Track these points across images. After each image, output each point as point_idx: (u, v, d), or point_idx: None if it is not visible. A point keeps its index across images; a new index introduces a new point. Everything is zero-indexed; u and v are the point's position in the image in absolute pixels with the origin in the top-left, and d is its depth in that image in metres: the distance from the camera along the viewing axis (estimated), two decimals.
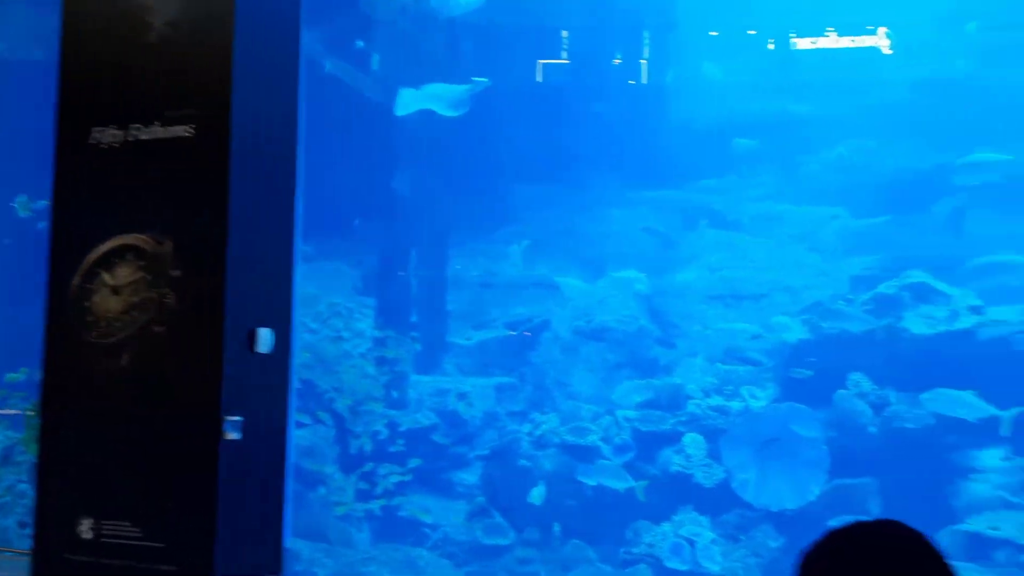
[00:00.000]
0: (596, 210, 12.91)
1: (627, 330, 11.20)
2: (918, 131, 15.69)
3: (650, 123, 15.71)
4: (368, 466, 9.30)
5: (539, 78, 16.19)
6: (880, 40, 18.65)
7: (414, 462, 9.39)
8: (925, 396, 9.42)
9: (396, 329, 10.51)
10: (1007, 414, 8.97)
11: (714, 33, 18.39)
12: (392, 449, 9.43)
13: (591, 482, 9.03)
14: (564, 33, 16.14)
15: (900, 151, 15.23)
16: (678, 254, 12.48)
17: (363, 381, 9.65)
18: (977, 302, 10.01)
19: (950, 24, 17.35)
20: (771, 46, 19.10)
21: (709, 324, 11.60)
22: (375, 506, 9.14)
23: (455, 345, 11.09)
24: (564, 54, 16.22)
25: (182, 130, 3.72)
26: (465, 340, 11.09)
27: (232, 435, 3.58)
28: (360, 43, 10.98)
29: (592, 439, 9.47)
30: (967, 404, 9.08)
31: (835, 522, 8.00)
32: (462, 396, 10.00)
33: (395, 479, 9.18)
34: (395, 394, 9.96)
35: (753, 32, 18.61)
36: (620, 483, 9.02)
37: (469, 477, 9.62)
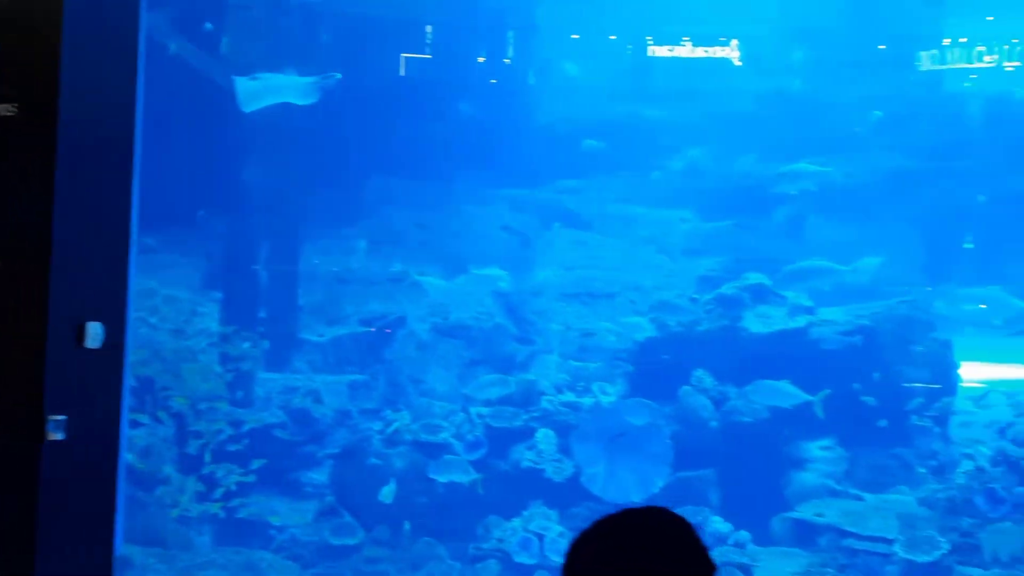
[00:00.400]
0: (455, 207, 12.94)
1: (484, 327, 11.28)
2: (761, 140, 16.59)
3: (510, 122, 15.88)
4: (209, 467, 8.92)
5: (400, 71, 16.05)
6: (731, 52, 19.57)
7: (258, 462, 9.07)
8: (749, 388, 9.88)
9: (243, 325, 10.13)
10: (817, 397, 9.51)
11: (575, 36, 18.79)
12: (235, 449, 9.07)
13: (442, 479, 9.03)
14: (428, 28, 16.08)
15: (745, 158, 16.06)
16: (535, 253, 12.68)
17: (206, 378, 9.26)
18: (808, 303, 10.67)
19: (792, 41, 18.40)
20: (630, 51, 19.66)
21: (564, 322, 11.84)
22: (216, 508, 8.77)
23: (307, 342, 10.82)
24: (427, 49, 16.15)
25: (4, 109, 3.46)
26: (318, 337, 10.85)
27: (56, 435, 3.35)
28: (209, 25, 10.52)
29: (444, 436, 9.47)
30: (784, 393, 9.58)
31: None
32: (312, 394, 9.76)
33: (237, 479, 8.83)
34: (240, 392, 9.59)
35: (613, 37, 19.13)
36: (468, 479, 9.04)
37: (318, 476, 9.40)
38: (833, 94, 17.38)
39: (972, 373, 11.06)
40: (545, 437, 9.61)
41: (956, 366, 10.85)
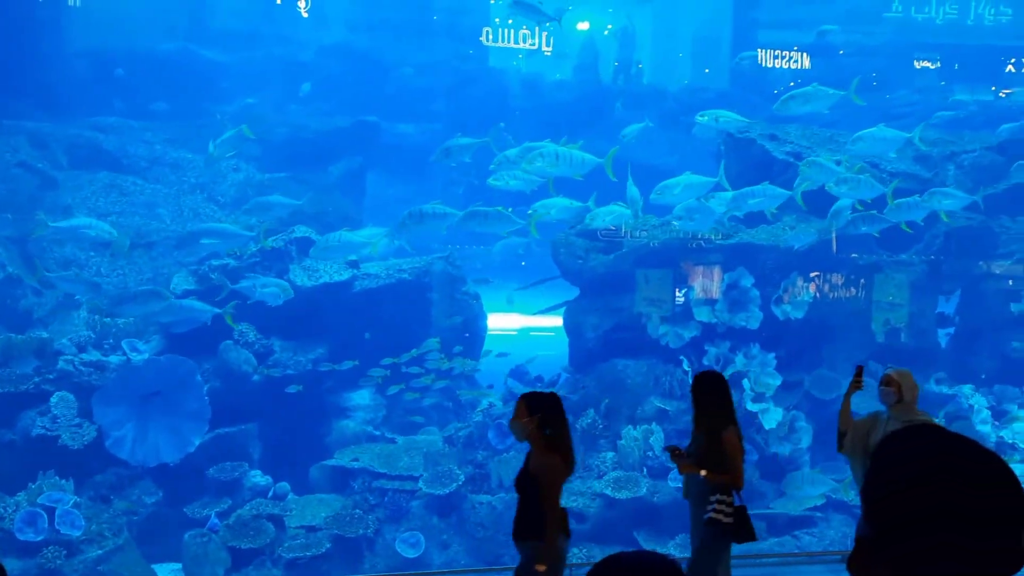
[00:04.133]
0: None
1: None
2: (322, 93, 16.60)
3: (39, 44, 13.92)
4: None
5: None
6: (300, 2, 19.22)
7: None
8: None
9: None
10: (226, 310, 9.39)
11: None
12: None
13: None
14: None
15: (305, 110, 15.93)
16: (61, 195, 11.28)
17: None
18: (353, 256, 10.93)
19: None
20: None
21: (95, 273, 10.77)
22: None
23: None
24: None
25: None
26: None
27: None
28: None
29: None
30: (198, 309, 9.24)
31: (215, 471, 7.90)
32: None
33: None
34: None
35: None
36: None
37: None
38: (393, 55, 17.98)
39: (495, 322, 12.30)
40: (62, 401, 8.67)
41: (484, 316, 11.97)
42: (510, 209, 9.65)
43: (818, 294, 10.04)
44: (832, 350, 10.13)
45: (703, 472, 4.39)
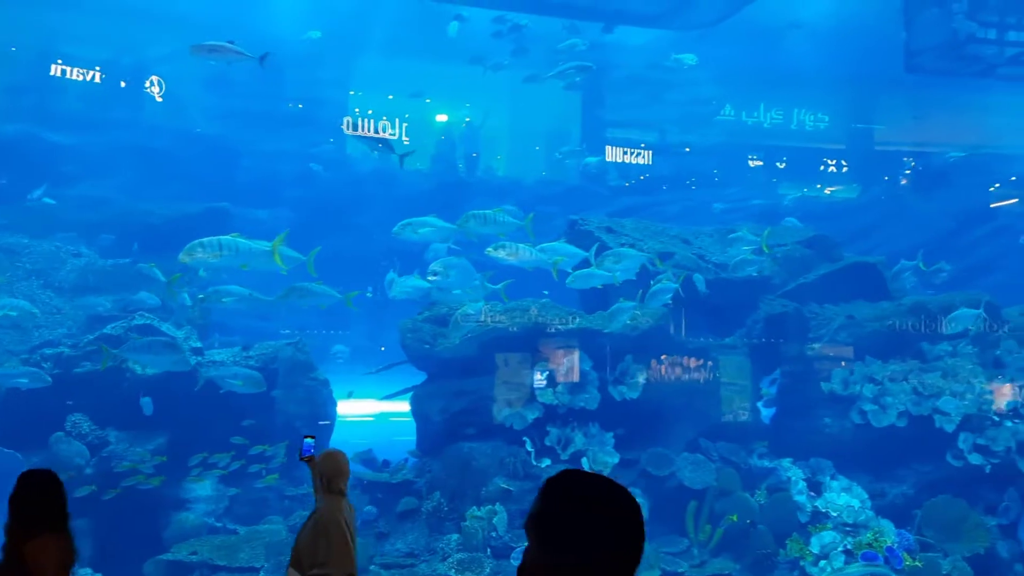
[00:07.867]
0: None
1: None
2: (175, 177, 16.42)
3: None
4: None
5: None
6: (153, 88, 19.11)
7: None
8: None
9: None
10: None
11: None
12: None
13: None
14: None
15: (157, 194, 15.68)
16: None
17: None
18: (198, 344, 10.79)
19: (207, 86, 18.68)
20: (32, 67, 18.01)
21: None
22: None
23: None
24: None
25: None
26: None
27: None
28: None
29: None
30: None
31: None
32: None
33: None
34: None
35: (15, 49, 17.35)
36: None
37: None
38: (247, 142, 18.07)
39: (351, 408, 12.31)
40: None
41: (333, 402, 11.96)
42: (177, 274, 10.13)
43: (652, 376, 10.65)
44: (666, 429, 10.71)
45: None
